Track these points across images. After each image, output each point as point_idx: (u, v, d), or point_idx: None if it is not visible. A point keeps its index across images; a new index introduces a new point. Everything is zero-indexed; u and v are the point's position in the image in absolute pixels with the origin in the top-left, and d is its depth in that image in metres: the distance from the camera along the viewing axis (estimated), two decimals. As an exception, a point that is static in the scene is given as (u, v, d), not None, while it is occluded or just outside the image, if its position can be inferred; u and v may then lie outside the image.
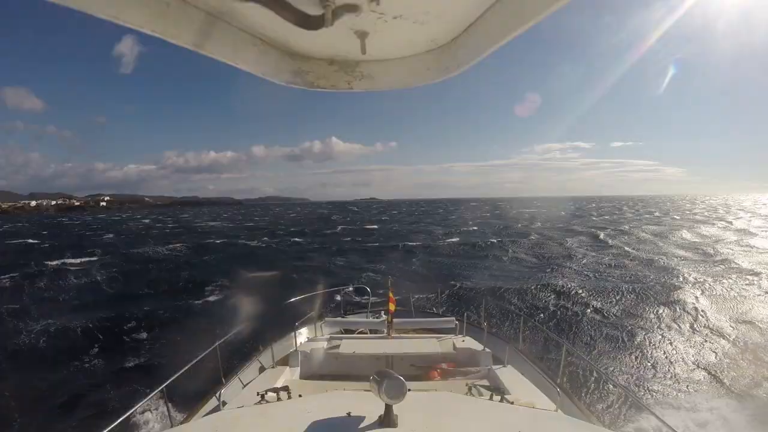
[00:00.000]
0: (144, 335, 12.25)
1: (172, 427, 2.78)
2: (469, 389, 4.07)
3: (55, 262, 26.03)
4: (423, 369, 5.08)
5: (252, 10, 1.48)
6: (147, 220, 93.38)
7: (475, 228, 47.57)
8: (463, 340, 5.77)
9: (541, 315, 13.75)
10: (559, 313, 13.73)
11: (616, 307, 14.14)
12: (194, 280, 19.62)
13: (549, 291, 15.98)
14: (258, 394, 3.44)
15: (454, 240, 35.77)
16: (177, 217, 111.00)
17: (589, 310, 13.79)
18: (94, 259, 28.15)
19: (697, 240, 33.41)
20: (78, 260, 27.12)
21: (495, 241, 33.26)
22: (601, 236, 35.10)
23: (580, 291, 15.70)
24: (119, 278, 21.15)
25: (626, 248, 28.46)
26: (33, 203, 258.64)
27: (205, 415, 3.72)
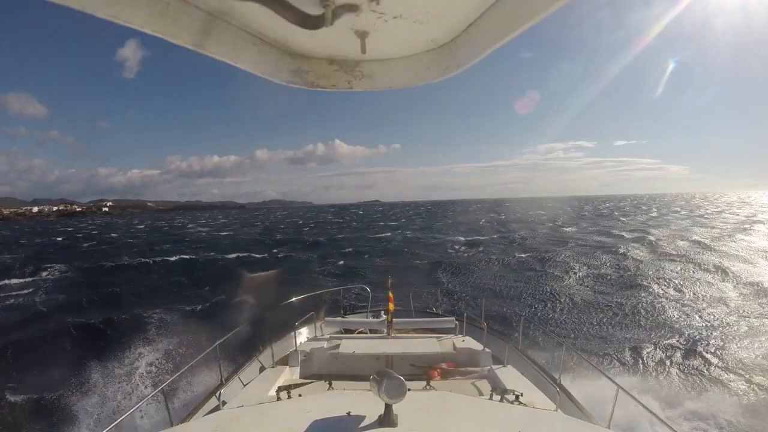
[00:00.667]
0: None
1: (172, 426, 2.77)
2: (470, 389, 4.07)
3: (2, 282, 22.73)
4: (423, 369, 5.08)
5: (252, 10, 1.48)
6: (142, 226, 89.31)
7: (498, 235, 40.51)
8: (463, 340, 5.77)
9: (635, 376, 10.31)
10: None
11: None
12: (144, 316, 14.37)
13: (661, 337, 11.66)
14: (266, 392, 3.43)
15: (479, 251, 29.77)
16: (173, 223, 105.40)
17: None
18: (50, 277, 24.53)
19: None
20: (30, 279, 23.93)
21: (530, 255, 26.51)
22: (653, 241, 30.30)
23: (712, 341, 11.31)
24: (59, 306, 17.35)
25: (698, 258, 23.15)
26: (35, 209, 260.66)
27: (205, 415, 3.73)
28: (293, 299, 6.93)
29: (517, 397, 3.47)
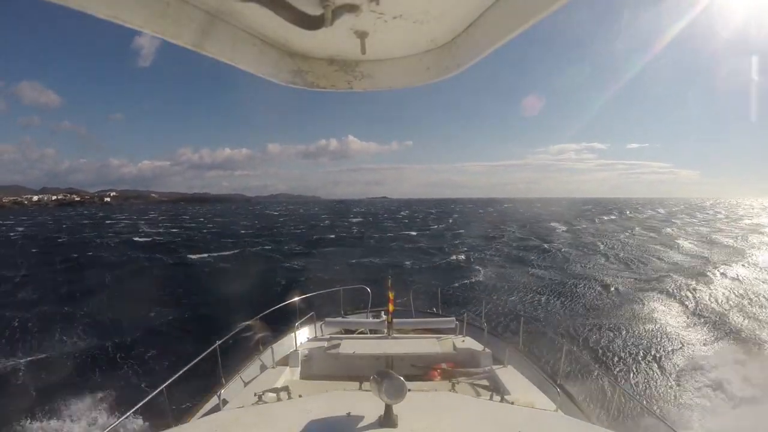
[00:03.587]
0: None
1: (172, 427, 2.77)
2: (470, 389, 4.07)
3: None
4: (423, 369, 5.08)
5: (252, 10, 1.48)
6: (96, 221, 79.82)
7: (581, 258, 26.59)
8: (463, 340, 5.76)
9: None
10: None
11: None
12: None
13: None
14: (255, 394, 3.44)
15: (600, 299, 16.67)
16: (153, 217, 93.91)
17: None
18: None
19: None
20: None
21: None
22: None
23: None
24: None
25: None
26: (35, 198, 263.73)
27: (204, 415, 3.72)
28: (293, 299, 6.93)
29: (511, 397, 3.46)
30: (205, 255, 30.14)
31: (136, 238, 43.86)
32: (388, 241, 39.93)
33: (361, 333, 6.54)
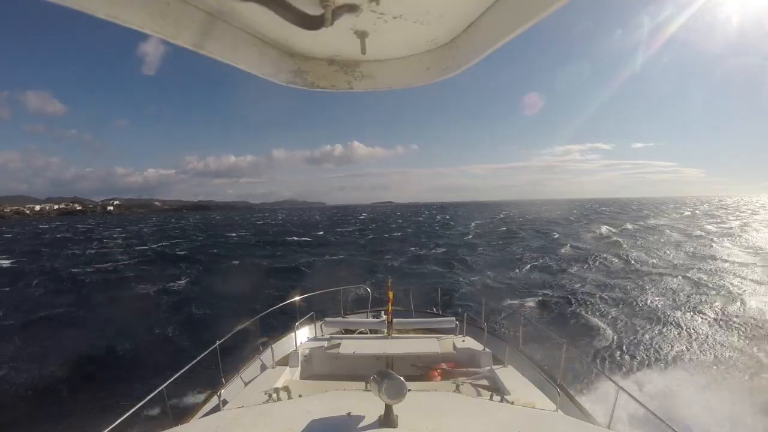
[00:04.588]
0: None
1: (172, 427, 2.77)
2: (470, 389, 4.07)
3: None
4: (423, 369, 5.09)
5: (252, 10, 1.49)
6: (75, 235, 66.29)
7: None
8: (463, 340, 5.77)
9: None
10: None
11: None
12: None
13: None
14: (266, 393, 3.44)
15: None
16: (140, 230, 77.99)
17: None
18: None
19: None
20: None
21: None
22: None
23: None
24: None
25: None
26: (37, 207, 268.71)
27: (205, 415, 3.73)
28: (293, 299, 6.93)
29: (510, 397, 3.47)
30: (147, 287, 20.87)
31: (76, 270, 27.46)
32: (418, 263, 27.27)
33: (361, 333, 6.54)
